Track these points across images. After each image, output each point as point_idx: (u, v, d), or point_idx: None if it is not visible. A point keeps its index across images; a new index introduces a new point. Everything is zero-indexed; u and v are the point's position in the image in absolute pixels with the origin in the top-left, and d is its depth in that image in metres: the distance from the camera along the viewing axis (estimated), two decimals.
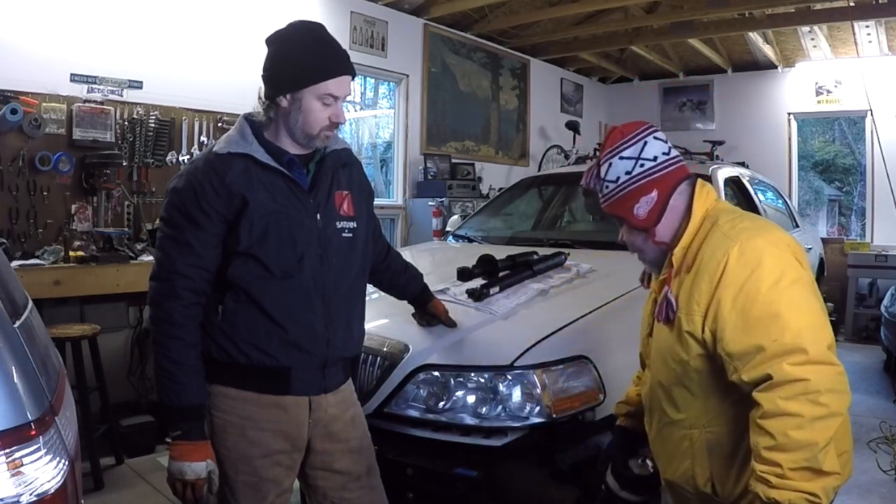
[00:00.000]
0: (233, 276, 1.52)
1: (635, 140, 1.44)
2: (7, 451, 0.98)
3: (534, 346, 2.01)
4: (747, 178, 3.99)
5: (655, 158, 1.43)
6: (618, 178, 1.43)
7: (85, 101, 3.67)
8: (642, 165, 1.42)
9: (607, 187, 1.44)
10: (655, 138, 1.45)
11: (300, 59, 1.51)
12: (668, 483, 1.50)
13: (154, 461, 3.39)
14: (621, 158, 1.43)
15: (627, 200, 1.43)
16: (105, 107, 3.73)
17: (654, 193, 1.42)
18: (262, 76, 1.56)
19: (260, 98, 1.58)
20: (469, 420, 1.97)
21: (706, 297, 1.32)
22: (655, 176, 1.42)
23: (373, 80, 6.00)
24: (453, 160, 6.05)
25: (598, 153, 1.65)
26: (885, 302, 5.02)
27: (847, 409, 1.24)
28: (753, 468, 1.21)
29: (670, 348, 1.40)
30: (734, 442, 1.34)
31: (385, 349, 2.11)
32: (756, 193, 3.94)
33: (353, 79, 1.58)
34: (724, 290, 1.29)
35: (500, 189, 5.35)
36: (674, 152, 1.47)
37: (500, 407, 1.96)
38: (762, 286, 1.27)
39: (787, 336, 1.22)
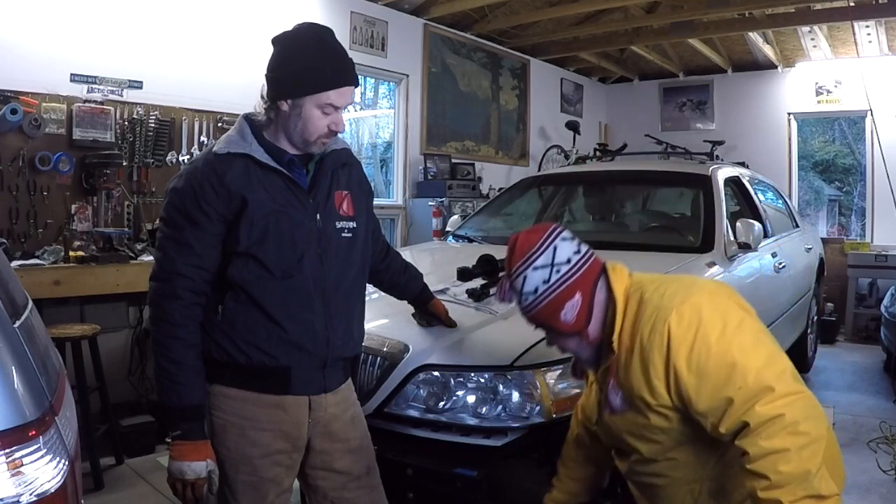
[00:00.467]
0: (232, 276, 1.52)
1: (545, 247, 1.42)
2: (7, 451, 0.98)
3: (534, 346, 2.01)
4: (747, 178, 3.98)
5: (570, 261, 1.42)
6: (536, 289, 1.41)
7: (85, 101, 3.67)
8: (559, 271, 1.40)
9: (527, 299, 1.42)
10: (563, 240, 1.44)
11: (304, 65, 1.50)
12: None
13: (154, 461, 3.39)
14: (535, 269, 1.41)
15: (552, 309, 1.41)
16: (105, 107, 3.73)
17: (578, 296, 1.41)
18: (266, 76, 1.56)
19: (262, 97, 1.57)
20: (469, 420, 1.97)
21: (662, 370, 1.33)
22: (575, 278, 1.41)
23: (373, 80, 6.00)
24: (453, 160, 6.05)
25: (598, 152, 1.65)
26: (885, 302, 5.03)
27: (825, 429, 1.26)
28: None
29: (645, 426, 1.40)
30: (739, 485, 1.33)
31: (385, 349, 2.11)
32: (756, 193, 3.93)
33: (355, 88, 1.57)
34: (677, 357, 1.30)
35: (500, 189, 5.35)
36: (584, 247, 1.46)
37: (500, 407, 1.96)
38: (710, 340, 1.29)
39: (750, 379, 1.25)
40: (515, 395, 1.96)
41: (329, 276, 1.59)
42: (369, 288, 1.83)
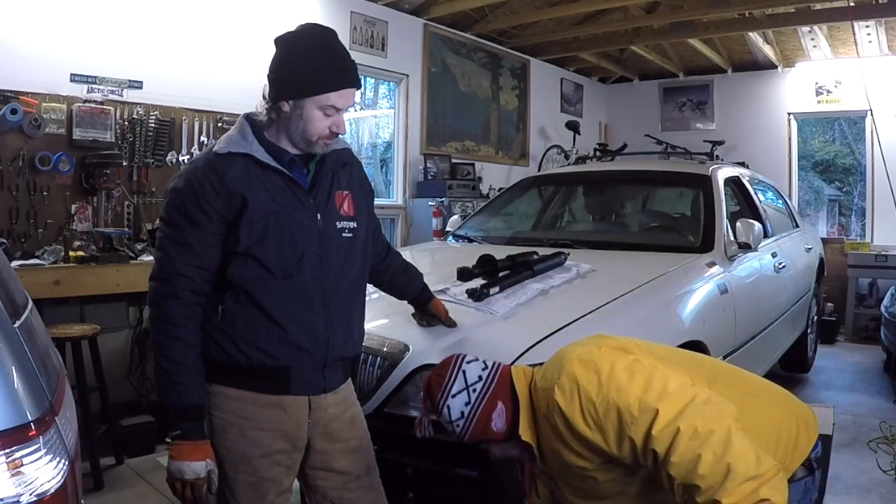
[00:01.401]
0: (233, 276, 1.52)
1: (454, 375, 1.53)
2: (7, 451, 0.98)
3: (534, 346, 2.01)
4: (747, 178, 3.99)
5: (481, 378, 1.53)
6: (462, 413, 1.51)
7: (85, 101, 3.67)
8: (475, 390, 1.51)
9: (458, 425, 1.51)
10: (468, 363, 1.55)
11: (306, 67, 1.50)
12: None
13: (154, 461, 3.39)
14: (453, 396, 1.51)
15: (482, 424, 1.51)
16: (105, 107, 3.73)
17: (500, 404, 1.52)
18: (268, 76, 1.56)
19: (264, 97, 1.57)
20: None
21: (574, 438, 1.40)
22: (491, 391, 1.52)
23: (373, 80, 6.00)
24: (453, 160, 6.05)
25: (598, 152, 1.69)
26: (885, 302, 5.03)
27: (732, 417, 1.31)
28: None
29: (597, 486, 1.47)
30: None
31: (385, 349, 2.11)
32: (756, 193, 3.93)
33: (357, 90, 1.58)
34: (577, 424, 1.38)
35: (500, 189, 5.35)
36: (489, 362, 1.57)
37: None
38: (592, 396, 1.37)
39: (636, 412, 1.32)
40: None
41: (329, 276, 1.59)
42: (369, 288, 1.83)
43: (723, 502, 1.22)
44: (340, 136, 1.60)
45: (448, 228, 3.90)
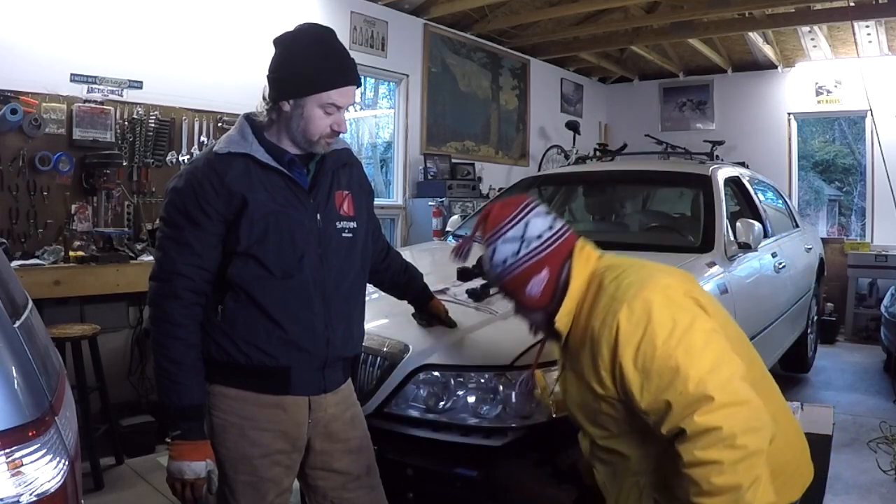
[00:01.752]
0: (233, 276, 1.52)
1: (517, 221, 1.43)
2: (7, 451, 0.98)
3: (533, 345, 2.01)
4: (747, 178, 3.98)
5: (541, 237, 1.42)
6: (505, 261, 1.42)
7: (85, 101, 3.67)
8: (528, 246, 1.41)
9: (495, 269, 1.43)
10: (537, 215, 1.45)
11: (305, 66, 1.50)
12: None
13: (154, 461, 3.39)
14: (505, 242, 1.42)
15: (519, 282, 1.42)
16: (105, 107, 3.73)
17: (545, 272, 1.41)
18: (268, 77, 1.56)
19: (264, 98, 1.57)
20: (469, 420, 1.97)
21: (609, 363, 1.32)
22: (544, 254, 1.42)
23: (373, 80, 6.00)
24: (453, 160, 6.05)
25: (598, 152, 1.68)
26: (885, 302, 5.03)
27: (768, 441, 1.24)
28: None
29: (596, 411, 1.41)
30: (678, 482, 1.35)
31: (385, 349, 2.11)
32: (756, 193, 3.93)
33: (357, 88, 1.58)
34: (624, 353, 1.29)
35: (500, 189, 5.35)
36: (558, 223, 1.46)
37: (500, 407, 1.96)
38: (657, 341, 1.27)
39: (691, 387, 1.23)
40: (515, 395, 1.96)
41: (329, 276, 1.59)
42: (369, 288, 1.83)
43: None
44: (341, 134, 1.60)
45: (448, 228, 3.90)
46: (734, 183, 3.75)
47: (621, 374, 1.30)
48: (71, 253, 3.43)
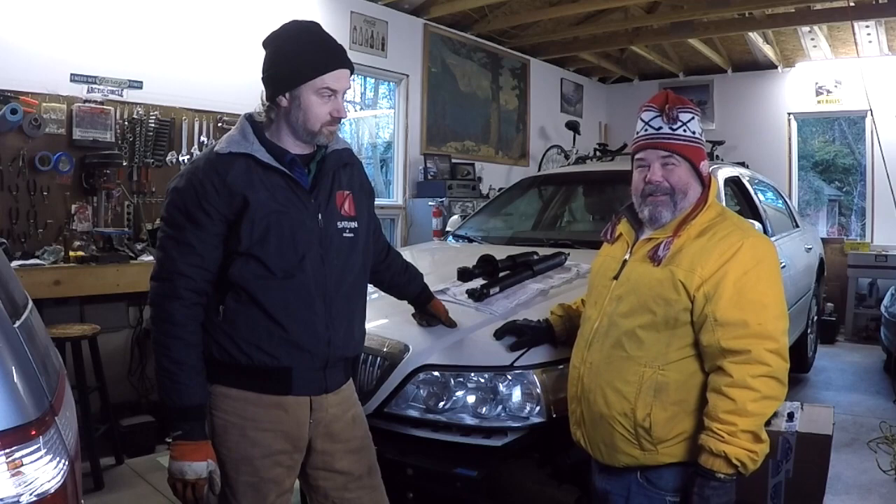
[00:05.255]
0: (234, 276, 1.52)
1: (695, 112, 1.65)
2: (7, 451, 0.98)
3: (533, 346, 2.01)
4: (747, 178, 3.98)
5: (702, 133, 1.67)
6: (694, 133, 1.64)
7: (85, 101, 3.67)
8: (701, 134, 1.66)
9: (685, 133, 1.62)
10: (693, 119, 1.65)
11: (295, 56, 1.53)
12: (602, 418, 1.61)
13: (154, 461, 3.39)
14: (696, 120, 1.64)
15: (701, 156, 1.64)
16: (105, 107, 3.73)
17: (705, 163, 1.66)
18: (262, 78, 1.57)
19: (262, 101, 1.59)
20: (469, 420, 1.97)
21: (712, 266, 1.52)
22: (701, 148, 1.66)
23: (373, 80, 6.00)
24: (453, 160, 6.05)
25: (598, 152, 1.82)
26: (885, 302, 5.03)
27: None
28: (708, 426, 1.46)
29: (655, 291, 1.56)
30: (679, 392, 1.54)
31: (385, 349, 2.11)
32: (756, 193, 3.93)
33: (351, 73, 1.59)
34: (733, 266, 1.51)
35: (500, 189, 5.35)
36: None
37: (500, 407, 1.96)
38: (762, 277, 1.52)
39: (769, 324, 1.49)
40: (515, 395, 1.96)
41: (330, 276, 1.59)
42: (369, 288, 1.83)
43: (738, 425, 1.43)
44: (343, 120, 1.61)
45: (448, 228, 3.90)
46: (734, 183, 3.75)
47: (720, 279, 1.50)
48: (71, 253, 3.43)
